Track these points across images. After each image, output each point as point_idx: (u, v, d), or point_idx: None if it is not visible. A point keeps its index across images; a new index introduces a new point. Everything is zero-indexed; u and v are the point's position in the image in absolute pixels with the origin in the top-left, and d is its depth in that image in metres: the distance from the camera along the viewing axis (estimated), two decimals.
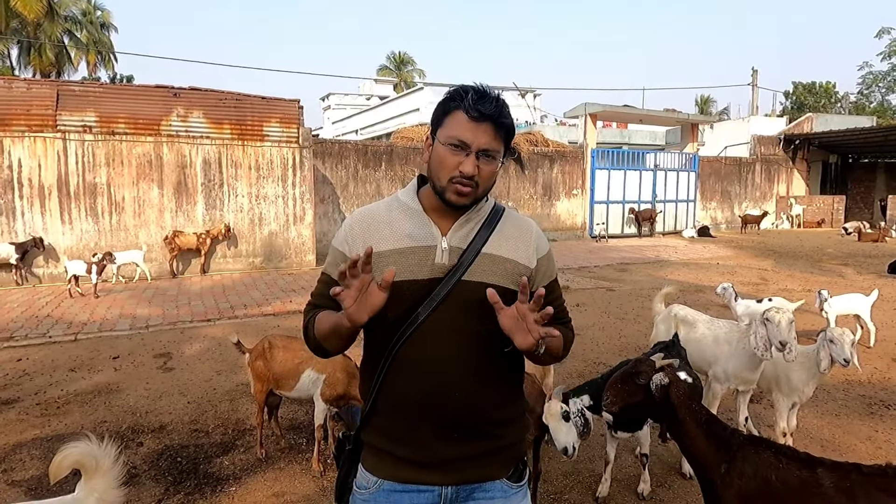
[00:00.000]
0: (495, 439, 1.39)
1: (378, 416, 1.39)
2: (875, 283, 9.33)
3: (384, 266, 1.31)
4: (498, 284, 1.33)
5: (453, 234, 1.37)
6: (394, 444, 1.36)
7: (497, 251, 1.37)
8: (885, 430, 3.96)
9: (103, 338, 6.55)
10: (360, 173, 15.00)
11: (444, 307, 1.32)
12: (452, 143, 1.30)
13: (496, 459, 1.40)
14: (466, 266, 1.34)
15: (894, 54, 33.07)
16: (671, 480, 3.32)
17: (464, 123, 1.29)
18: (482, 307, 1.28)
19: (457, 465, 1.36)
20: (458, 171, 1.30)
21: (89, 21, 30.71)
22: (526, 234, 1.44)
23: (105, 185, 10.50)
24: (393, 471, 1.36)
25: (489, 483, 1.39)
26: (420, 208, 1.40)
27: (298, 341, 3.56)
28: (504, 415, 1.42)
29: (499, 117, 1.30)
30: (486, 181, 1.34)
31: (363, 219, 1.41)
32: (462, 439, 1.35)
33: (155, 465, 3.53)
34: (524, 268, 1.40)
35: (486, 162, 1.31)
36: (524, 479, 1.46)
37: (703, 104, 48.21)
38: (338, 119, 37.58)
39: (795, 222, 22.30)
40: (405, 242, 1.35)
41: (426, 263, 1.34)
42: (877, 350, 5.83)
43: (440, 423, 1.33)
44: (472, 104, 1.28)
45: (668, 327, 4.12)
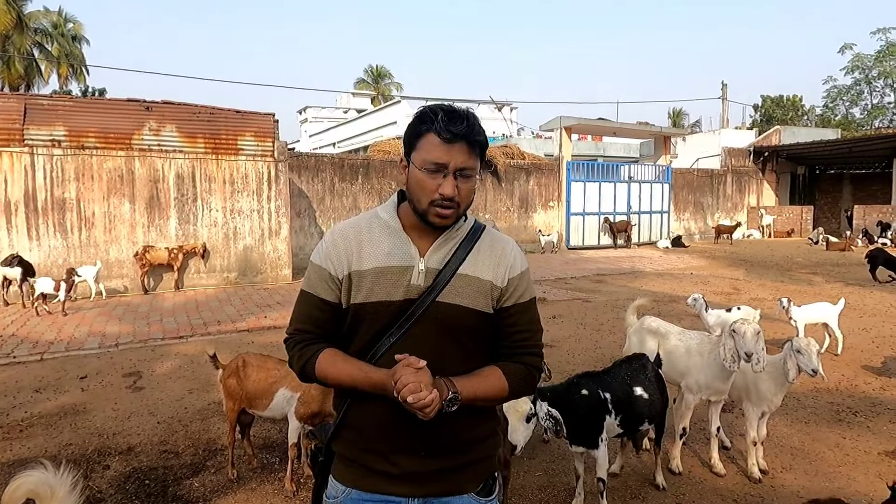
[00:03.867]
0: (464, 454, 1.39)
1: (348, 430, 1.40)
2: (842, 291, 9.56)
3: (363, 283, 1.34)
4: (471, 307, 1.35)
5: (431, 255, 1.36)
6: (362, 454, 1.37)
7: (472, 272, 1.37)
8: (853, 437, 4.04)
9: (70, 357, 6.38)
10: (337, 187, 14.96)
11: (416, 328, 1.33)
12: (429, 168, 1.30)
13: (464, 474, 1.40)
14: (441, 287, 1.34)
15: (857, 69, 34.23)
16: (645, 492, 3.34)
17: (437, 146, 1.29)
18: (454, 328, 1.33)
19: (424, 479, 1.36)
20: (438, 194, 1.30)
21: (60, 33, 30.29)
22: (501, 253, 1.42)
23: (74, 200, 10.30)
24: (360, 480, 1.37)
25: (457, 497, 1.39)
26: (399, 226, 1.39)
27: (273, 360, 3.52)
28: (474, 434, 1.41)
29: (471, 135, 1.30)
30: (466, 199, 1.34)
31: (344, 235, 1.40)
32: (430, 455, 1.35)
33: (122, 488, 3.43)
34: (496, 288, 1.39)
35: (464, 180, 1.32)
36: (494, 494, 1.45)
37: (675, 117, 49.21)
38: (315, 132, 37.47)
39: (766, 232, 22.80)
40: (383, 261, 1.35)
41: (402, 284, 1.34)
42: (844, 358, 5.95)
43: (408, 441, 1.34)
44: (444, 126, 1.28)
45: (640, 339, 4.16)
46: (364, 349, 1.35)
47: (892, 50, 32.18)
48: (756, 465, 3.47)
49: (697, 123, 46.97)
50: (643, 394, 3.15)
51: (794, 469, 3.60)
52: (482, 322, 1.37)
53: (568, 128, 18.92)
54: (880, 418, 4.38)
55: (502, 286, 1.39)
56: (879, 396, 4.86)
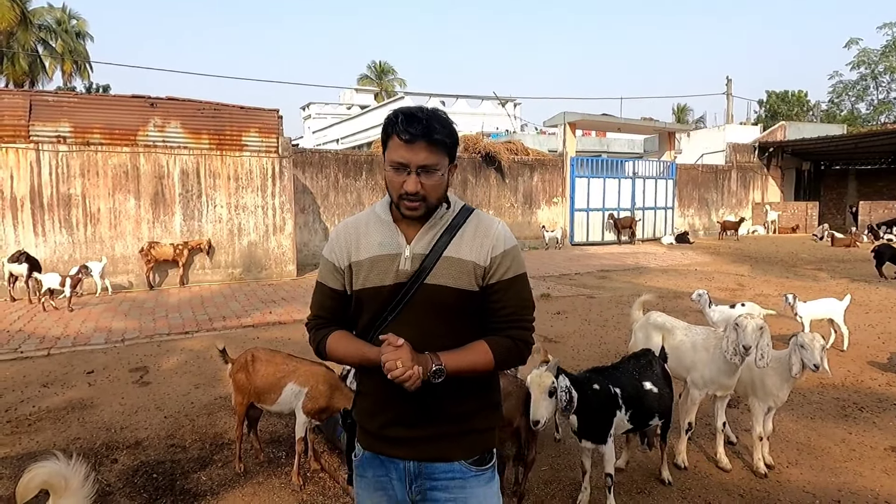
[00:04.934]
0: (454, 424, 1.51)
1: (360, 398, 1.63)
2: (848, 287, 9.53)
3: (361, 271, 1.52)
4: (456, 286, 1.48)
5: (416, 242, 1.50)
6: (369, 420, 1.57)
7: (456, 254, 1.49)
8: (859, 433, 4.04)
9: (77, 352, 6.42)
10: (341, 183, 14.96)
11: (408, 308, 1.48)
12: (393, 166, 1.44)
13: (455, 442, 1.52)
14: (428, 270, 1.47)
15: (863, 64, 34.04)
16: (650, 486, 3.35)
17: (399, 146, 1.42)
18: (442, 307, 1.47)
19: (416, 445, 1.51)
20: (403, 190, 1.43)
21: (64, 30, 30.30)
22: (484, 233, 1.52)
23: (80, 196, 10.33)
24: (370, 443, 1.57)
25: (448, 464, 1.51)
26: (390, 219, 1.54)
27: (281, 355, 3.53)
28: (466, 403, 1.53)
29: (429, 135, 1.40)
30: (432, 192, 1.46)
31: (346, 230, 1.58)
32: (420, 424, 1.50)
33: (130, 481, 3.46)
34: (479, 267, 1.49)
35: (427, 176, 1.43)
36: (487, 465, 1.55)
37: (679, 113, 48.98)
38: (318, 128, 37.47)
39: (771, 228, 22.73)
40: (376, 251, 1.51)
41: (392, 270, 1.49)
42: (850, 353, 5.94)
43: (401, 407, 1.49)
44: (403, 128, 1.40)
45: (645, 334, 4.17)
46: (366, 329, 1.53)
47: None
48: (762, 461, 3.47)
49: (702, 119, 46.82)
50: (653, 388, 3.16)
51: (800, 464, 3.60)
52: (467, 300, 1.49)
53: (572, 123, 18.85)
54: (886, 414, 4.38)
55: (485, 265, 1.50)
56: (886, 392, 4.85)
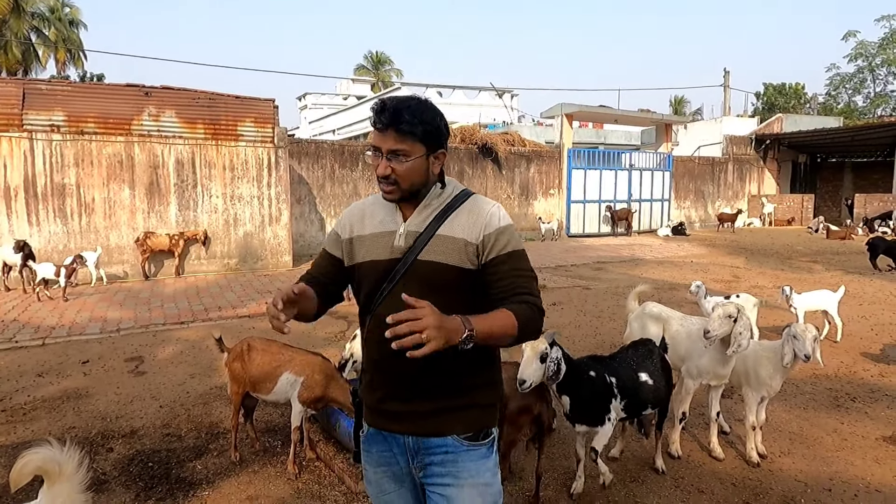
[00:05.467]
0: (450, 401, 1.55)
1: (364, 374, 1.69)
2: (842, 279, 9.58)
3: (363, 246, 1.62)
4: (447, 262, 1.53)
5: (412, 220, 1.58)
6: (370, 396, 1.63)
7: (449, 232, 1.55)
8: (851, 423, 4.07)
9: (72, 342, 6.41)
10: (337, 173, 14.92)
11: (402, 282, 1.53)
12: (370, 152, 1.56)
13: (450, 418, 1.55)
14: (421, 247, 1.54)
15: (860, 56, 34.03)
16: (644, 475, 3.37)
17: (375, 134, 1.53)
18: (435, 282, 1.52)
19: (411, 419, 1.56)
20: (378, 174, 1.55)
21: (57, 18, 29.97)
22: (478, 213, 1.58)
23: (74, 185, 10.27)
24: (372, 419, 1.64)
25: (441, 438, 1.55)
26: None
27: (277, 344, 3.53)
28: (462, 379, 1.56)
29: (396, 123, 1.48)
30: (405, 178, 1.53)
31: (353, 209, 1.73)
32: (414, 398, 1.54)
33: (125, 470, 3.46)
34: (471, 244, 1.54)
35: (398, 162, 1.51)
36: (482, 441, 1.57)
37: (676, 105, 48.91)
38: (314, 119, 37.26)
39: (767, 220, 22.78)
40: (377, 228, 1.62)
41: (388, 246, 1.57)
42: (843, 345, 5.98)
43: (395, 382, 1.55)
44: (376, 117, 1.51)
45: (641, 325, 4.18)
46: (366, 301, 1.61)
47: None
48: (755, 450, 3.50)
49: (699, 111, 46.72)
50: (648, 380, 3.17)
51: (792, 454, 3.63)
52: (462, 277, 1.53)
53: (569, 115, 18.81)
54: (878, 404, 4.41)
55: (477, 242, 1.54)
56: (878, 383, 4.89)
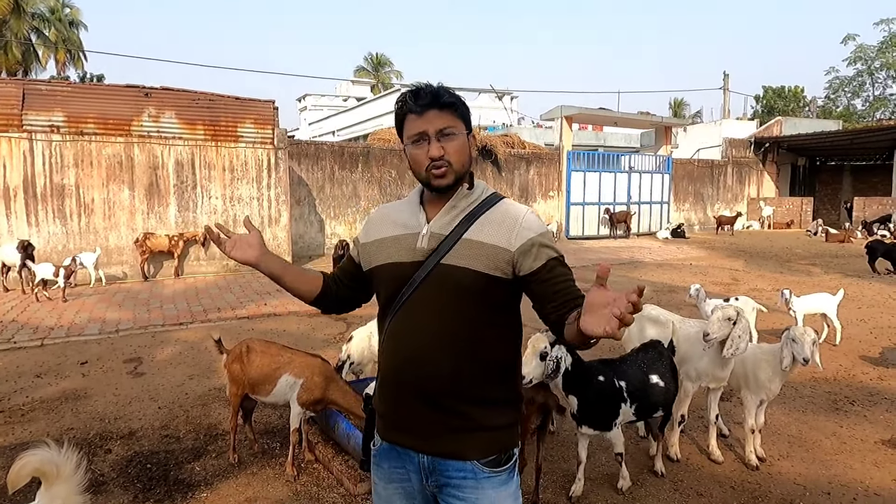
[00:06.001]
0: (467, 418, 1.43)
1: (379, 384, 1.57)
2: (841, 282, 9.58)
3: (385, 249, 1.52)
4: (475, 269, 1.41)
5: (437, 221, 1.48)
6: (386, 409, 1.52)
7: (478, 237, 1.43)
8: (850, 426, 4.07)
9: (71, 343, 6.40)
10: (337, 175, 14.91)
11: (424, 287, 1.43)
12: (414, 140, 1.45)
13: (469, 439, 1.43)
14: (446, 251, 1.43)
15: (859, 60, 34.09)
16: (643, 478, 3.36)
17: (414, 120, 1.45)
18: (461, 289, 1.41)
19: (428, 437, 1.44)
20: (428, 159, 1.43)
21: (57, 18, 29.99)
22: (511, 219, 1.45)
23: (73, 186, 10.27)
24: (386, 433, 1.52)
25: (461, 462, 1.42)
26: (418, 201, 1.55)
27: (276, 346, 3.53)
28: (481, 395, 1.44)
29: (437, 101, 1.43)
30: (457, 156, 1.44)
31: (379, 212, 1.65)
32: (434, 412, 1.43)
33: (123, 472, 3.45)
34: (504, 251, 1.41)
35: (448, 140, 1.43)
36: (503, 467, 1.45)
37: (676, 107, 48.99)
38: (314, 120, 37.31)
39: (766, 223, 22.80)
40: (399, 230, 1.52)
41: (411, 248, 1.47)
42: (842, 348, 5.98)
43: (415, 393, 1.44)
44: (413, 102, 1.44)
45: (640, 327, 4.17)
46: (386, 305, 1.52)
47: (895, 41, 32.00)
48: (754, 453, 3.49)
49: (699, 114, 46.82)
50: (659, 382, 3.20)
51: (791, 457, 3.63)
52: (491, 285, 1.42)
53: (568, 117, 18.82)
54: (877, 408, 4.41)
55: (513, 250, 1.41)
56: (877, 386, 4.89)
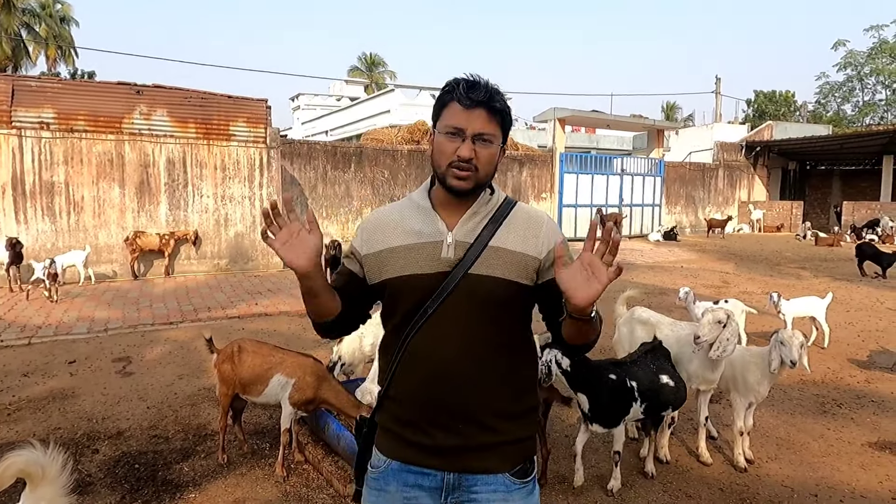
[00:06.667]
0: (498, 433, 1.40)
1: (389, 401, 1.44)
2: (830, 285, 9.66)
3: (397, 260, 1.40)
4: (505, 277, 1.37)
5: (459, 228, 1.40)
6: (401, 426, 1.41)
7: (504, 244, 1.39)
8: (837, 429, 4.10)
9: (59, 342, 6.34)
10: (330, 174, 14.87)
11: (451, 300, 1.35)
12: (449, 132, 1.35)
13: (498, 453, 1.40)
14: (473, 259, 1.36)
15: (849, 65, 34.41)
16: (633, 480, 3.37)
17: (458, 112, 1.35)
18: (489, 299, 1.36)
19: (457, 454, 1.38)
20: (455, 157, 1.34)
21: (48, 14, 29.76)
22: (535, 225, 1.44)
23: (63, 183, 10.18)
24: (400, 452, 1.41)
25: (491, 476, 1.39)
26: (429, 206, 1.44)
27: (268, 346, 3.52)
28: (510, 408, 1.42)
29: (490, 102, 1.35)
30: (485, 165, 1.37)
31: (376, 219, 1.49)
32: (464, 429, 1.37)
33: (111, 472, 3.43)
34: (533, 259, 1.40)
35: (483, 146, 1.35)
36: (529, 477, 1.44)
37: (668, 111, 49.22)
38: (307, 119, 37.19)
39: (756, 227, 22.96)
40: (414, 239, 1.40)
41: (434, 258, 1.38)
42: (831, 351, 6.03)
43: (443, 411, 1.37)
44: (464, 93, 1.34)
45: (630, 329, 4.20)
46: (404, 320, 1.40)
47: (885, 47, 32.37)
48: (742, 455, 3.52)
49: (690, 117, 47.13)
50: (669, 381, 3.27)
51: (779, 459, 3.65)
52: (518, 293, 1.39)
53: (562, 119, 18.87)
54: (864, 410, 4.45)
55: (541, 257, 1.41)
56: (864, 389, 4.93)
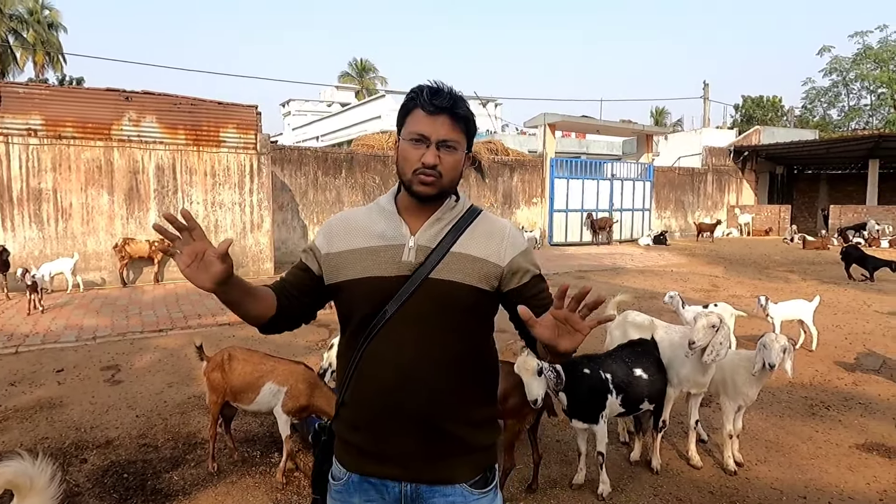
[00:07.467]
0: (458, 440, 1.38)
1: (346, 408, 1.42)
2: (817, 289, 9.76)
3: (357, 261, 1.39)
4: (465, 282, 1.36)
5: (422, 233, 1.40)
6: (358, 434, 1.39)
7: (466, 250, 1.39)
8: (825, 431, 4.14)
9: (47, 350, 6.27)
10: (320, 180, 14.86)
11: (411, 304, 1.34)
12: (413, 138, 1.35)
13: (458, 462, 1.38)
14: (434, 264, 1.36)
15: (835, 71, 34.85)
16: (623, 484, 3.38)
17: (422, 118, 1.35)
18: (450, 304, 1.35)
19: (416, 462, 1.36)
20: (420, 163, 1.34)
21: (36, 20, 29.59)
22: (499, 233, 1.44)
23: (51, 190, 10.10)
24: (358, 463, 1.39)
25: (449, 487, 1.37)
26: (394, 210, 1.44)
27: (259, 354, 3.50)
28: (470, 415, 1.41)
29: (454, 108, 1.35)
30: (449, 171, 1.37)
31: (342, 218, 1.49)
32: (423, 436, 1.35)
33: (99, 482, 3.39)
34: (494, 266, 1.40)
35: (448, 152, 1.36)
36: (490, 486, 1.42)
37: (657, 116, 49.65)
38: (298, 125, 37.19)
39: (745, 231, 23.15)
40: (377, 241, 1.40)
41: (395, 261, 1.37)
42: (818, 353, 6.08)
43: (402, 417, 1.35)
44: (428, 99, 1.34)
45: (623, 333, 4.20)
46: (363, 324, 1.38)
47: (869, 53, 32.81)
48: (732, 458, 3.54)
49: (679, 122, 47.52)
50: (643, 374, 3.31)
51: (768, 461, 3.68)
52: (480, 298, 1.39)
53: (552, 125, 18.97)
54: (852, 412, 4.49)
55: (503, 265, 1.41)
56: (851, 391, 4.98)
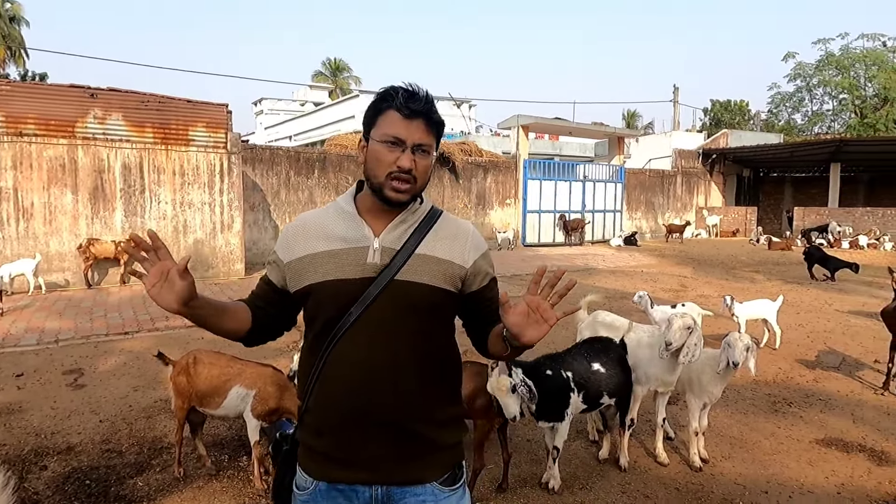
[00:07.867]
0: (427, 441, 1.38)
1: (310, 414, 1.40)
2: (781, 288, 10.02)
3: (319, 265, 1.37)
4: (431, 284, 1.37)
5: (386, 234, 1.39)
6: (323, 440, 1.37)
7: (431, 252, 1.39)
8: (787, 427, 4.25)
9: (6, 354, 6.07)
10: (293, 180, 14.69)
11: (376, 306, 1.34)
12: (388, 141, 1.34)
13: (426, 461, 1.39)
14: (399, 266, 1.35)
15: (799, 77, 35.80)
16: (592, 482, 3.42)
17: (397, 121, 1.34)
18: (415, 305, 1.36)
19: (386, 465, 1.35)
20: (395, 167, 1.33)
21: None
22: (462, 235, 1.46)
23: (11, 189, 9.78)
24: (324, 470, 1.37)
25: (419, 487, 1.37)
26: (354, 211, 1.43)
27: (226, 357, 3.44)
28: (438, 415, 1.41)
29: (429, 113, 1.36)
30: (422, 175, 1.38)
31: (299, 224, 1.46)
32: (392, 438, 1.35)
33: (60, 489, 3.30)
34: (459, 268, 1.41)
35: (422, 156, 1.36)
36: (458, 483, 1.44)
37: (629, 118, 50.36)
38: (270, 125, 36.73)
39: (713, 232, 23.65)
40: (338, 244, 1.38)
41: (359, 264, 1.36)
42: (782, 352, 6.25)
43: (370, 419, 1.34)
44: (404, 102, 1.34)
45: (593, 333, 4.26)
46: (327, 327, 1.37)
47: (831, 60, 33.80)
48: (697, 455, 3.61)
49: (650, 125, 48.23)
50: (601, 369, 3.35)
51: (732, 458, 3.77)
52: (444, 299, 1.40)
53: (525, 126, 19.10)
54: (812, 409, 4.63)
55: (466, 266, 1.42)
56: (812, 388, 5.13)
